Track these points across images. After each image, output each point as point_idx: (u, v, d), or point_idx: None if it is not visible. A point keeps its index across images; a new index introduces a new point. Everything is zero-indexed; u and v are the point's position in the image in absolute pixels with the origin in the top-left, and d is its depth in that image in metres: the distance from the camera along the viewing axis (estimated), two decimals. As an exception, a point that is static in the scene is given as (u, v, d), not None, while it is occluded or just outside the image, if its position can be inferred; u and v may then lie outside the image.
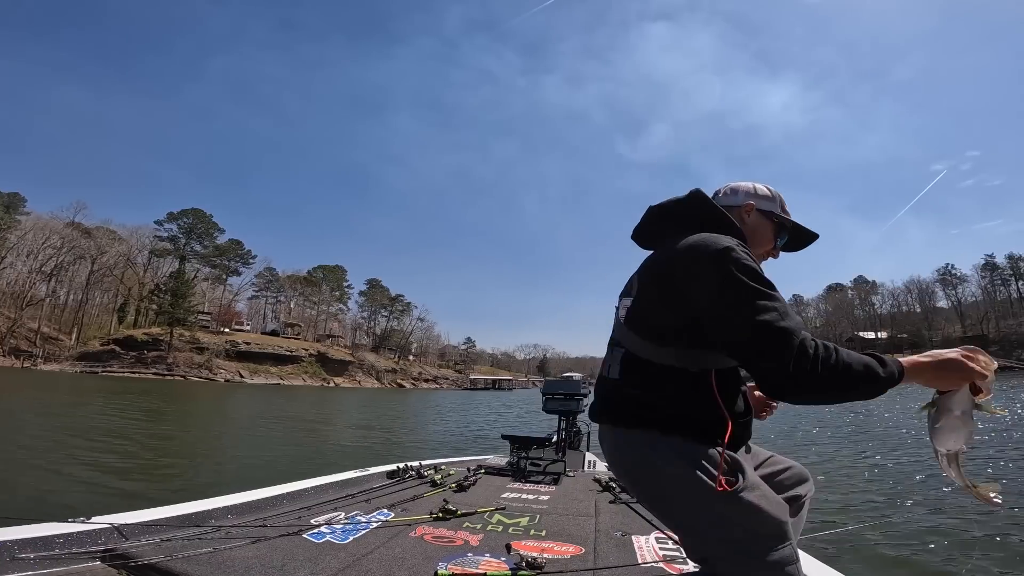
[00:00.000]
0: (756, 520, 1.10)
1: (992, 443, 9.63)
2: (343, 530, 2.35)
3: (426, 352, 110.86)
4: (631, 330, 1.27)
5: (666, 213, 1.37)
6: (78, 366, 58.24)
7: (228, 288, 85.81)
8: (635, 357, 1.24)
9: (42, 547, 1.78)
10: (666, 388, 1.19)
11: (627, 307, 1.31)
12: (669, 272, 1.21)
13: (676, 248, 1.21)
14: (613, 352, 1.34)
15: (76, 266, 70.41)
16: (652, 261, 1.32)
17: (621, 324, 1.32)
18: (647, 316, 1.25)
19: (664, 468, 1.16)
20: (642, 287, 1.29)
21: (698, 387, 1.19)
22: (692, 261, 1.15)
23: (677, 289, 1.18)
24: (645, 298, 1.26)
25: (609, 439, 1.30)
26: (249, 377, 66.79)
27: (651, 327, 1.23)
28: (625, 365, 1.27)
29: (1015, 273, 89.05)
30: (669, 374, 1.19)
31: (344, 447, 11.46)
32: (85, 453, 8.28)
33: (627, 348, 1.27)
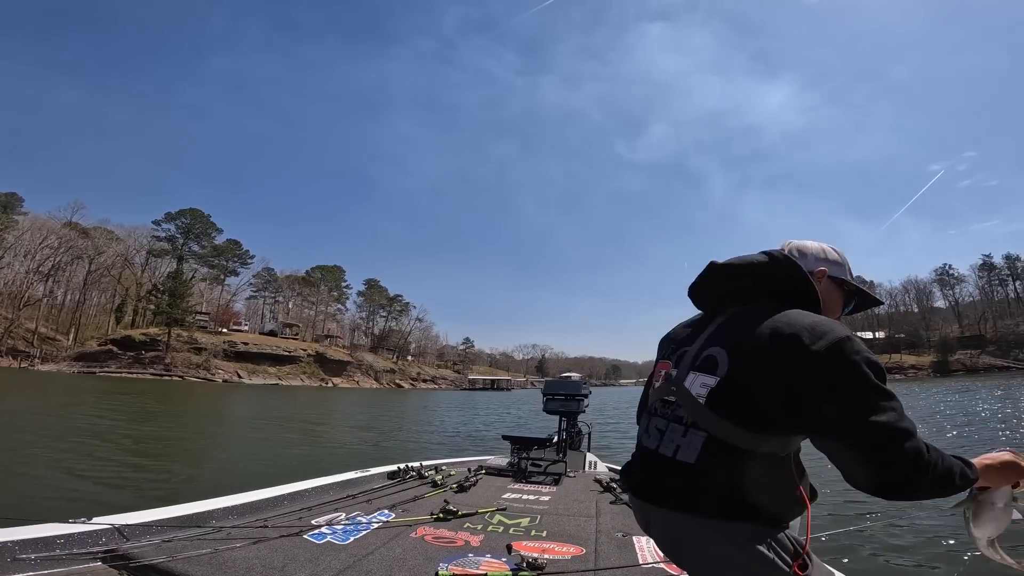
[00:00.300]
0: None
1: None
2: (344, 531, 2.35)
3: (424, 352, 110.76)
4: (718, 414, 1.13)
5: (738, 274, 1.28)
6: (75, 366, 58.05)
7: (226, 288, 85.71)
8: (721, 443, 1.12)
9: (43, 548, 1.78)
10: (752, 473, 1.10)
11: (709, 387, 1.16)
12: (775, 357, 1.08)
13: (780, 327, 1.11)
14: (683, 433, 1.19)
15: (73, 266, 70.16)
16: (745, 338, 1.16)
17: (699, 405, 1.17)
18: (743, 401, 1.12)
19: (743, 559, 1.07)
20: (735, 371, 1.14)
21: (782, 471, 1.13)
22: (807, 350, 1.05)
23: (784, 376, 1.07)
24: (739, 383, 1.13)
25: (673, 526, 1.18)
26: (247, 377, 66.65)
27: (747, 413, 1.11)
28: (708, 450, 1.13)
29: (1012, 273, 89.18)
30: (757, 459, 1.10)
31: (342, 449, 11.40)
32: (75, 455, 8.21)
33: (710, 432, 1.13)
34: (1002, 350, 79.08)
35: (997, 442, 9.66)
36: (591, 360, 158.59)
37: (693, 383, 1.20)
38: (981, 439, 10.48)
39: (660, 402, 1.30)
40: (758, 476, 1.09)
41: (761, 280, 1.24)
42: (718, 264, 1.31)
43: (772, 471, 1.11)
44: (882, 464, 0.99)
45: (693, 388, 1.19)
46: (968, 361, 78.26)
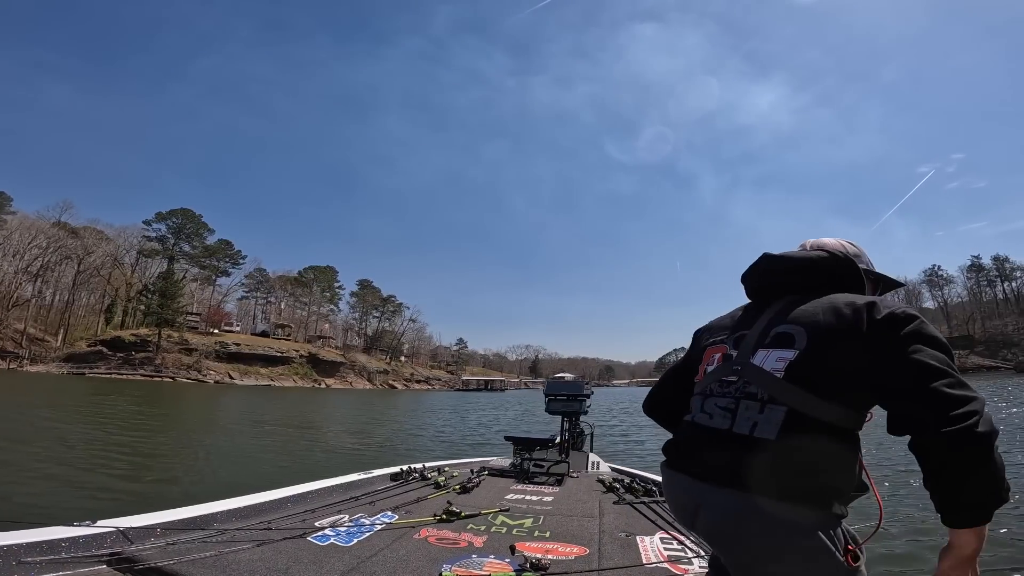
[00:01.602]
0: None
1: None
2: (347, 532, 2.35)
3: (418, 353, 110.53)
4: (799, 386, 1.14)
5: (798, 266, 1.35)
6: (65, 367, 57.45)
7: (217, 289, 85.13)
8: (803, 416, 1.13)
9: (48, 551, 1.77)
10: (831, 449, 1.12)
11: (787, 360, 1.18)
12: (853, 331, 1.14)
13: (853, 305, 1.17)
14: (760, 410, 1.18)
15: (62, 266, 69.40)
16: (821, 315, 1.20)
17: (776, 379, 1.18)
18: (825, 372, 1.14)
19: (806, 544, 1.08)
20: (816, 344, 1.17)
21: (853, 448, 1.15)
22: (917, 330, 1.10)
23: (864, 348, 1.12)
24: (821, 356, 1.16)
25: (739, 506, 1.13)
26: (239, 378, 66.21)
27: (830, 384, 1.13)
28: (789, 425, 1.13)
29: (1001, 274, 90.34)
30: (837, 434, 1.13)
31: (337, 453, 11.18)
32: (60, 460, 8.05)
33: (791, 406, 1.14)
34: (990, 350, 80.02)
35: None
36: (584, 360, 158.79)
37: (766, 359, 1.21)
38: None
39: (718, 383, 1.30)
40: (835, 452, 1.12)
41: (820, 274, 1.31)
42: (774, 256, 1.38)
43: (846, 447, 1.13)
44: (951, 413, 0.99)
45: (767, 364, 1.21)
46: (957, 361, 78.96)
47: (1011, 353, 76.88)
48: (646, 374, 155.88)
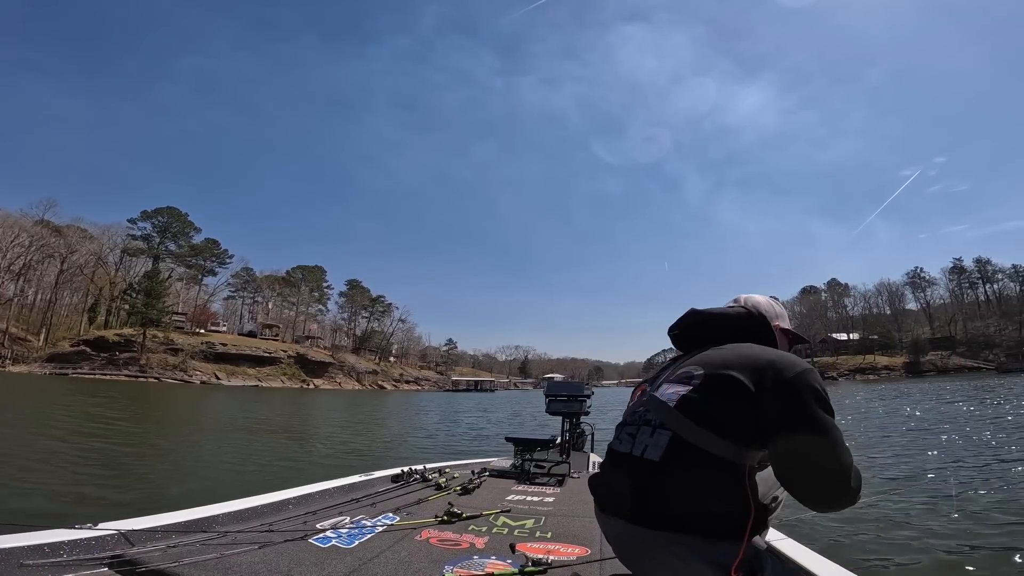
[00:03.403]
0: None
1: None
2: (349, 534, 2.34)
3: (407, 353, 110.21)
4: (685, 415, 1.26)
5: (717, 322, 1.50)
6: (47, 367, 56.51)
7: (204, 288, 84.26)
8: (686, 442, 1.23)
9: (49, 554, 1.75)
10: (710, 476, 1.20)
11: (680, 394, 1.31)
12: (744, 379, 1.23)
13: (753, 357, 1.28)
14: (651, 434, 1.31)
15: (45, 265, 68.31)
16: (721, 360, 1.32)
17: (669, 408, 1.30)
18: (709, 408, 1.25)
19: (695, 570, 1.15)
20: (708, 381, 1.29)
21: (738, 480, 1.21)
22: (776, 376, 1.21)
23: (750, 397, 1.21)
24: (710, 392, 1.26)
25: (624, 536, 1.28)
26: (226, 379, 65.57)
27: (712, 418, 1.23)
28: (673, 447, 1.24)
29: (982, 276, 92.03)
30: (716, 463, 1.20)
31: (333, 457, 10.79)
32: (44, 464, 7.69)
33: (675, 431, 1.26)
34: (972, 351, 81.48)
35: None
36: (574, 361, 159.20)
37: (665, 392, 1.35)
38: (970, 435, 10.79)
39: (631, 414, 1.46)
40: (716, 480, 1.20)
41: (736, 328, 1.46)
42: (698, 311, 1.54)
43: (729, 477, 1.20)
44: (824, 489, 1.15)
45: (664, 395, 1.34)
46: (939, 362, 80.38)
47: (992, 354, 78.33)
48: (635, 374, 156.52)
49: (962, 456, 8.41)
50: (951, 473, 7.12)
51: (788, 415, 1.18)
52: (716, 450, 1.20)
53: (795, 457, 1.17)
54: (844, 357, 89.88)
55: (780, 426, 1.17)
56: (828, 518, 5.25)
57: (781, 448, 1.18)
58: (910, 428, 13.08)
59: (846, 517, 5.21)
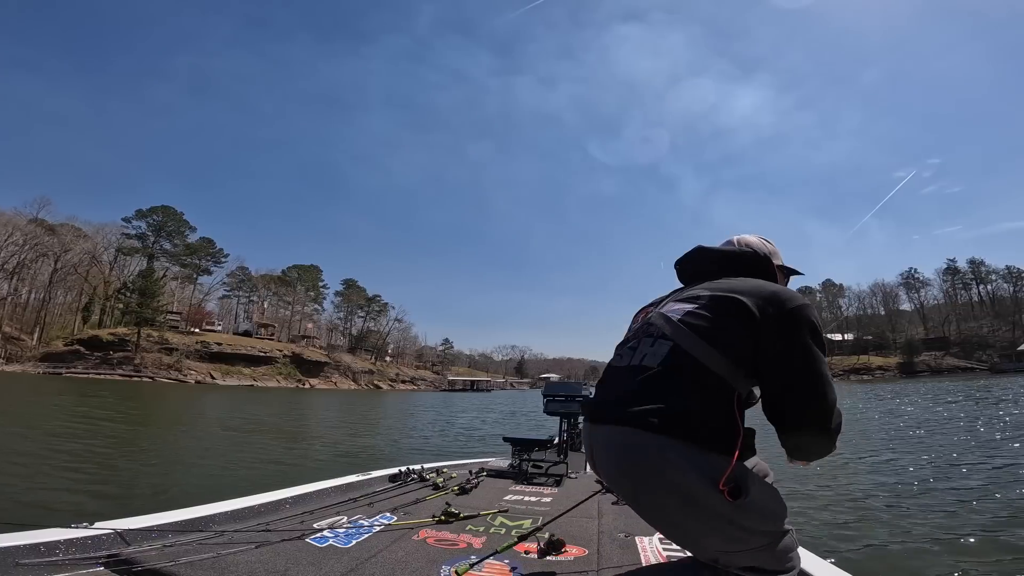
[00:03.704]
0: (761, 521, 1.24)
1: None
2: (346, 534, 2.33)
3: (403, 353, 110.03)
4: (688, 328, 1.32)
5: (722, 258, 1.57)
6: (41, 367, 56.16)
7: (199, 288, 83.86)
8: (686, 353, 1.29)
9: (45, 553, 1.74)
10: (703, 389, 1.25)
11: (685, 310, 1.37)
12: (749, 304, 1.29)
13: (758, 287, 1.35)
14: (652, 344, 1.37)
15: (39, 264, 67.88)
16: (728, 286, 1.38)
17: (672, 320, 1.37)
18: (712, 325, 1.30)
19: (683, 474, 1.19)
20: (714, 302, 1.34)
21: (728, 400, 1.26)
22: (778, 306, 1.29)
23: (753, 321, 1.27)
24: (715, 311, 1.32)
25: (614, 437, 1.30)
26: (221, 379, 65.31)
27: (713, 335, 1.29)
28: (672, 356, 1.30)
29: (976, 277, 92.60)
30: (712, 378, 1.26)
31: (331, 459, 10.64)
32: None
33: (676, 342, 1.32)
34: (965, 351, 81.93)
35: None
36: (570, 361, 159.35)
37: (670, 308, 1.42)
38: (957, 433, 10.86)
39: (633, 333, 1.52)
40: (710, 394, 1.25)
41: (741, 265, 1.53)
42: (705, 248, 1.62)
43: (722, 396, 1.25)
44: (809, 420, 1.26)
45: (669, 311, 1.41)
46: (933, 362, 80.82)
47: (985, 355, 78.80)
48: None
49: (945, 453, 8.48)
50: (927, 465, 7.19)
51: (785, 342, 1.26)
52: (714, 366, 1.26)
53: (785, 385, 1.26)
54: (838, 357, 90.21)
55: (776, 351, 1.25)
56: (813, 514, 5.29)
57: (774, 374, 1.27)
58: (897, 428, 13.16)
59: (834, 514, 5.24)
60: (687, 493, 1.18)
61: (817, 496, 6.16)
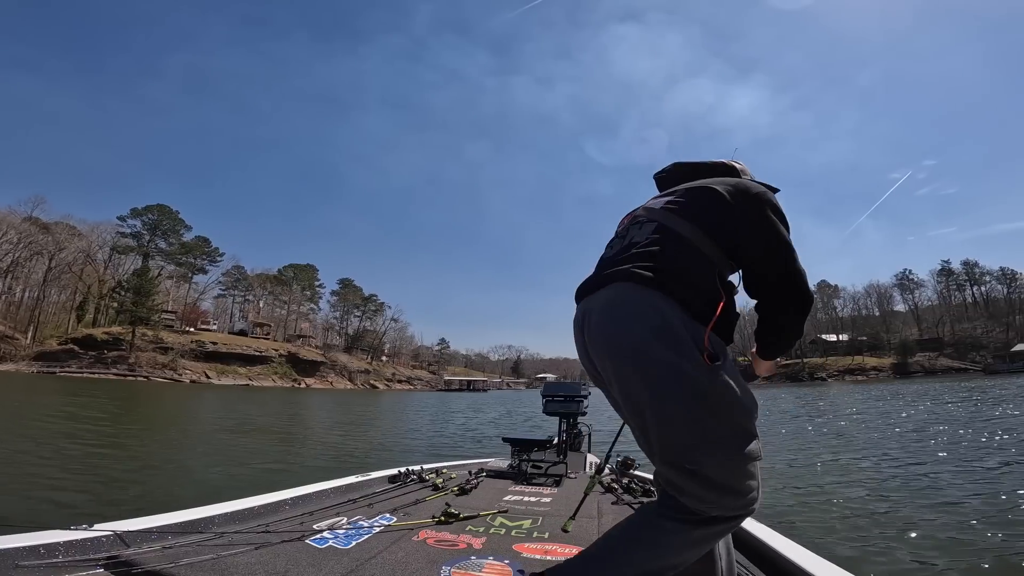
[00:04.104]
0: (730, 402, 1.26)
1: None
2: (346, 535, 2.33)
3: (399, 353, 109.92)
4: (672, 212, 1.46)
5: (698, 169, 1.70)
6: (35, 366, 55.89)
7: (194, 287, 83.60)
8: (670, 229, 1.42)
9: (45, 555, 1.73)
10: (688, 260, 1.37)
11: (667, 200, 1.52)
12: (721, 190, 1.44)
13: (728, 180, 1.50)
14: (640, 227, 1.50)
15: (33, 262, 67.55)
16: (702, 181, 1.53)
17: (657, 208, 1.51)
18: (691, 207, 1.45)
19: (664, 330, 1.26)
20: (691, 193, 1.50)
21: (709, 272, 1.37)
22: (745, 190, 1.43)
23: (725, 204, 1.42)
24: (693, 198, 1.47)
25: (607, 295, 1.39)
26: (216, 378, 65.12)
27: (694, 215, 1.43)
28: (661, 232, 1.43)
29: (970, 279, 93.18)
30: (696, 252, 1.38)
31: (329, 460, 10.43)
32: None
33: (661, 221, 1.46)
34: (959, 352, 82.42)
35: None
36: (566, 361, 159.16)
37: (653, 203, 1.57)
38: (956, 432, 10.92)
39: (621, 227, 1.65)
40: (694, 264, 1.36)
41: (711, 173, 1.65)
42: (681, 162, 1.77)
43: (705, 268, 1.37)
44: (785, 286, 1.38)
45: (655, 204, 1.55)
46: (927, 363, 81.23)
47: (979, 355, 79.28)
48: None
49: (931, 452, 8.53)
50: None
51: (755, 220, 1.39)
52: (696, 241, 1.38)
53: (758, 257, 1.39)
54: (833, 358, 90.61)
55: (749, 227, 1.39)
56: (796, 508, 5.31)
57: (749, 247, 1.39)
58: (897, 429, 13.22)
59: (835, 513, 5.27)
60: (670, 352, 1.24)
61: (818, 496, 6.20)
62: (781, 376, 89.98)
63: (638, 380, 1.30)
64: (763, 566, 2.07)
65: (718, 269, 1.38)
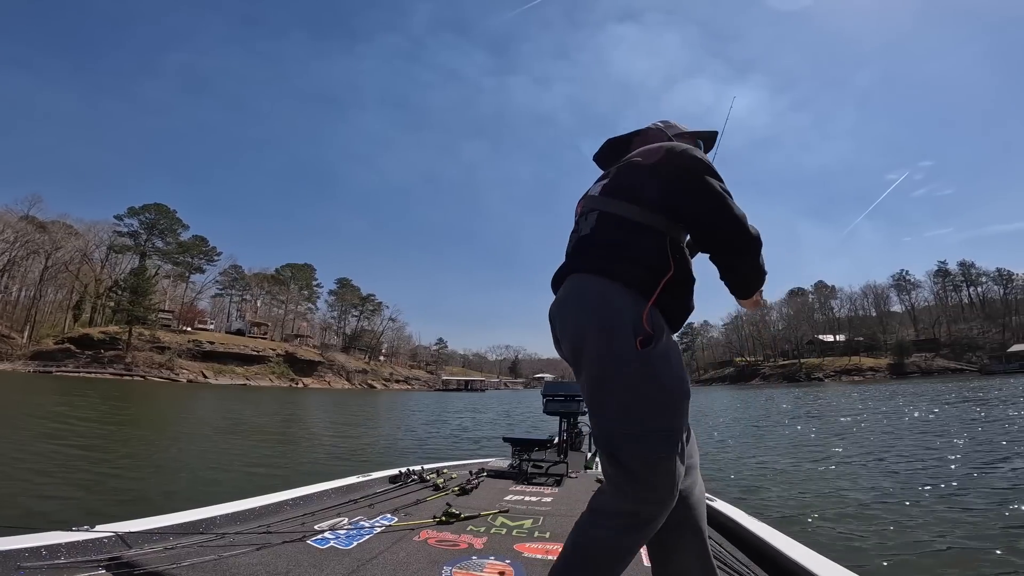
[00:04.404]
0: (654, 392, 1.29)
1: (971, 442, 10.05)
2: (347, 535, 2.33)
3: (397, 353, 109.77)
4: (609, 196, 1.53)
5: (629, 141, 1.78)
6: (31, 365, 55.65)
7: (191, 286, 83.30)
8: (611, 214, 1.49)
9: (47, 556, 1.73)
10: (635, 237, 1.43)
11: (603, 184, 1.59)
12: (656, 161, 1.48)
13: (652, 147, 1.54)
14: (586, 219, 1.56)
15: (29, 261, 67.26)
16: (629, 156, 1.59)
17: (596, 197, 1.58)
18: (630, 186, 1.50)
19: (606, 312, 1.34)
20: (622, 170, 1.57)
21: (654, 245, 1.42)
22: (687, 156, 1.46)
23: (662, 174, 1.45)
24: (628, 176, 1.53)
25: (565, 288, 1.51)
26: (213, 378, 64.95)
27: (625, 191, 1.50)
28: (600, 220, 1.51)
29: (966, 279, 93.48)
30: (636, 227, 1.44)
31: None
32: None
33: (601, 209, 1.52)
34: (955, 353, 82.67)
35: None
36: (563, 361, 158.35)
37: (596, 189, 1.62)
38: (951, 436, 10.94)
39: (576, 221, 1.69)
40: (635, 238, 1.43)
41: (641, 143, 1.69)
42: (611, 138, 1.83)
43: (647, 238, 1.42)
44: (727, 231, 1.40)
45: (594, 191, 1.62)
46: (923, 363, 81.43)
47: (975, 356, 79.52)
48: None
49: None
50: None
51: (681, 179, 1.43)
52: (636, 216, 1.45)
53: (698, 212, 1.41)
54: (830, 358, 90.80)
55: (681, 187, 1.43)
56: (796, 507, 5.33)
57: (687, 206, 1.42)
58: (898, 429, 13.26)
59: (837, 514, 5.28)
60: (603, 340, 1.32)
61: (818, 496, 6.21)
62: (778, 376, 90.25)
63: (584, 368, 1.38)
64: (764, 564, 2.07)
65: (668, 236, 1.44)
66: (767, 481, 7.37)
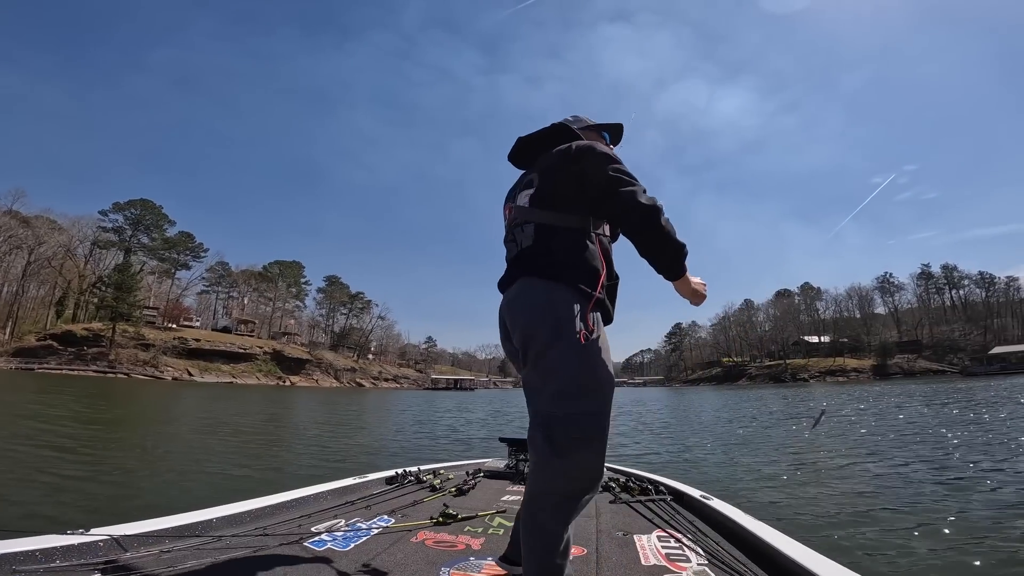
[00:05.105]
0: (590, 380, 1.49)
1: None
2: (344, 537, 2.32)
3: (386, 351, 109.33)
4: (538, 208, 1.67)
5: (539, 140, 1.85)
6: (13, 362, 54.76)
7: (177, 283, 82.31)
8: (545, 225, 1.63)
9: (42, 560, 1.70)
10: (567, 243, 1.59)
11: (529, 194, 1.72)
12: (571, 161, 1.63)
13: (562, 149, 1.68)
14: (522, 230, 1.70)
15: (12, 256, 66.09)
16: (545, 161, 1.73)
17: (525, 208, 1.71)
18: (553, 194, 1.65)
19: (554, 309, 1.51)
20: (541, 178, 1.70)
21: (584, 244, 1.60)
22: (590, 153, 1.61)
23: (577, 171, 1.61)
24: (550, 182, 1.67)
25: (515, 289, 1.66)
26: (199, 375, 64.29)
27: (557, 201, 1.64)
28: (538, 232, 1.64)
29: (949, 282, 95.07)
30: (568, 233, 1.60)
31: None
32: None
33: (536, 222, 1.66)
34: (937, 355, 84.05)
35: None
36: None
37: (521, 198, 1.77)
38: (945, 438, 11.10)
39: (508, 227, 1.84)
40: (572, 245, 1.59)
41: (550, 141, 1.80)
42: (522, 137, 1.90)
43: (579, 240, 1.60)
44: (634, 212, 1.50)
45: (520, 201, 1.76)
46: (906, 364, 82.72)
47: (957, 358, 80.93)
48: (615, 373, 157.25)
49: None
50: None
51: (587, 173, 1.59)
52: (564, 222, 1.61)
53: (605, 195, 1.54)
54: (815, 359, 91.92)
55: (590, 181, 1.58)
56: (796, 506, 5.37)
57: (597, 196, 1.57)
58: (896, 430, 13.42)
59: (836, 514, 5.34)
60: (559, 319, 1.49)
61: (818, 495, 6.26)
62: (764, 377, 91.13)
63: (531, 359, 1.57)
64: (762, 564, 2.09)
65: (598, 236, 1.64)
66: (767, 481, 7.42)
